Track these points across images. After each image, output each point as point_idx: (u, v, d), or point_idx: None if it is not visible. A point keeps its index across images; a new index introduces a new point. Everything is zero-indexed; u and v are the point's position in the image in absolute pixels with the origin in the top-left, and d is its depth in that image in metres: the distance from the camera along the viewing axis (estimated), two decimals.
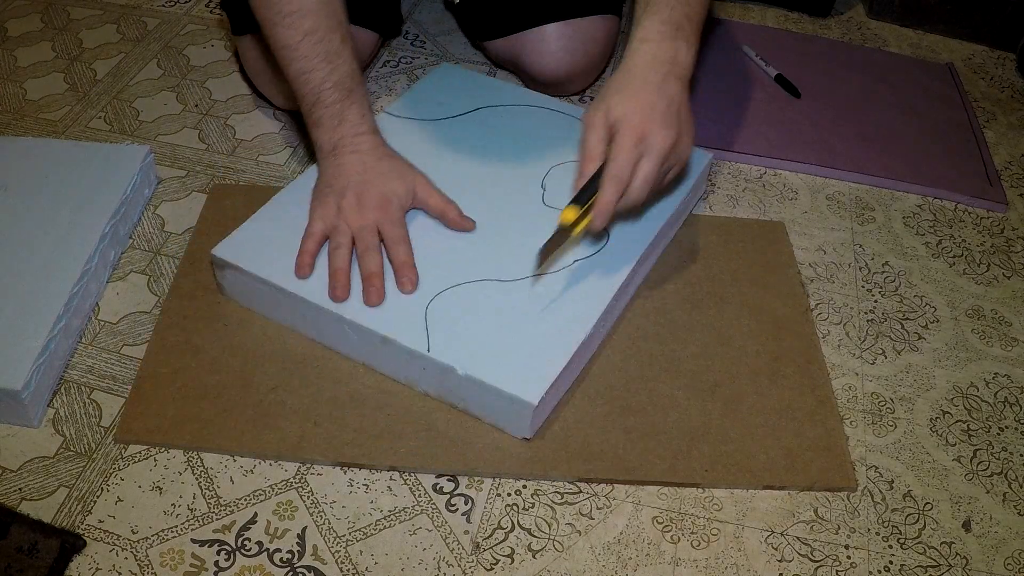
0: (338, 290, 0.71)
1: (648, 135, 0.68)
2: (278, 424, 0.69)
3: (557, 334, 0.70)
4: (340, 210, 0.74)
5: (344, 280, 0.71)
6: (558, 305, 0.72)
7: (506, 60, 1.05)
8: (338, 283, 0.71)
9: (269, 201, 0.79)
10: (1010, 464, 0.72)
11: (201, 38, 1.14)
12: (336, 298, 0.70)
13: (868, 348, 0.80)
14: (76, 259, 0.76)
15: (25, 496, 0.65)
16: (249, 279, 0.73)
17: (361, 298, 0.71)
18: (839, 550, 0.65)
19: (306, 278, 0.72)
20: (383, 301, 0.70)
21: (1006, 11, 1.22)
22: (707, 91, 1.07)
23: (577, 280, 0.74)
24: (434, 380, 0.69)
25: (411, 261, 0.73)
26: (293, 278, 0.72)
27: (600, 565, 0.63)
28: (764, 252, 0.87)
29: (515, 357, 0.68)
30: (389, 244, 0.73)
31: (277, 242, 0.75)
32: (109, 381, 0.73)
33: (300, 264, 0.73)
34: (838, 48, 1.20)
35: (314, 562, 0.62)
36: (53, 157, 0.86)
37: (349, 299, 0.71)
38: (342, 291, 0.71)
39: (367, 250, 0.72)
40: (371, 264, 0.72)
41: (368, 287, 0.71)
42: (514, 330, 0.70)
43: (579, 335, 0.70)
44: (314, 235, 0.74)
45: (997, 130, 1.09)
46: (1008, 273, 0.89)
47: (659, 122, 0.68)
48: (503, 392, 0.66)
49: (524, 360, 0.68)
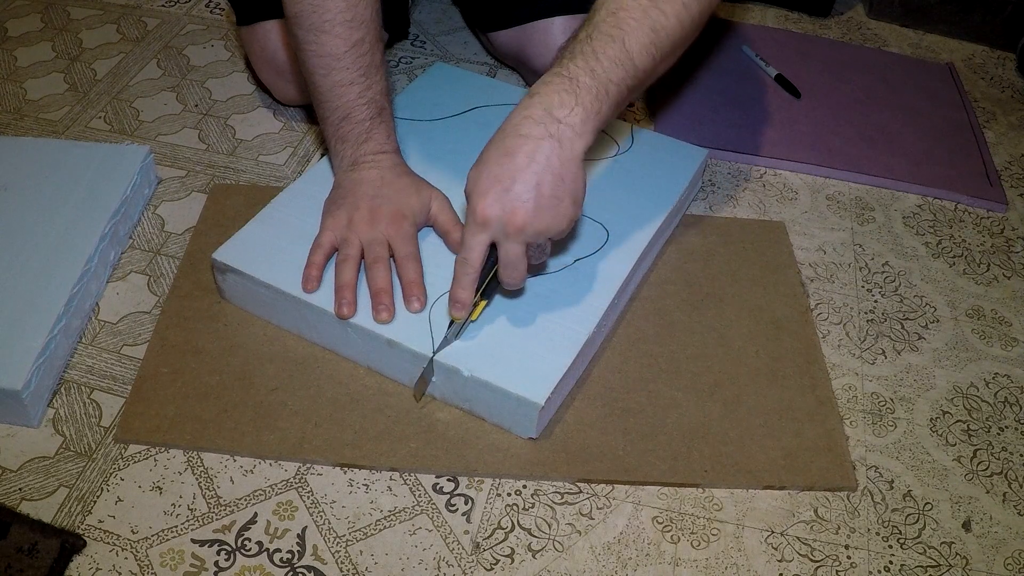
0: (344, 307, 0.69)
1: (489, 219, 0.62)
2: (278, 425, 0.69)
3: (560, 333, 0.70)
4: (351, 222, 0.73)
5: (351, 296, 0.70)
6: (560, 304, 0.72)
7: (510, 54, 1.05)
8: (344, 299, 0.70)
9: (269, 204, 0.79)
10: (1010, 464, 0.72)
11: (201, 38, 1.14)
12: (342, 315, 0.69)
13: (868, 348, 0.80)
14: (76, 259, 0.76)
15: (25, 496, 0.65)
16: (250, 283, 0.73)
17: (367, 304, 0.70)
18: (839, 550, 0.65)
19: (313, 292, 0.71)
20: (392, 319, 0.69)
21: (1006, 11, 1.22)
22: (707, 91, 1.07)
23: (578, 279, 0.74)
24: (440, 382, 0.69)
25: (420, 280, 0.71)
26: (296, 282, 0.72)
27: (600, 565, 0.63)
28: (764, 253, 0.87)
29: (520, 358, 0.68)
30: (399, 261, 0.72)
31: (278, 246, 0.75)
32: (109, 381, 0.73)
33: (307, 277, 0.71)
34: (838, 48, 1.20)
35: (314, 562, 0.62)
36: (53, 157, 0.86)
37: None
38: (348, 308, 0.69)
39: (376, 262, 0.71)
40: (380, 279, 0.70)
41: (377, 304, 0.70)
42: (517, 330, 0.70)
43: (582, 334, 0.70)
44: (323, 246, 0.73)
45: (997, 130, 1.09)
46: (1008, 273, 0.89)
47: (503, 201, 0.61)
48: (509, 393, 0.66)
49: (529, 360, 0.68)
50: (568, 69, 0.62)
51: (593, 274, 0.75)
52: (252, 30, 0.93)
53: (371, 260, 0.71)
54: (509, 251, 0.64)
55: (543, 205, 0.61)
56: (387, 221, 0.73)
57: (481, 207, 0.62)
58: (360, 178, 0.75)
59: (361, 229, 0.72)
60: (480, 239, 0.63)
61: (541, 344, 0.69)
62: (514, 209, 0.61)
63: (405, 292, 0.71)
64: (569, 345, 0.69)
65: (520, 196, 0.61)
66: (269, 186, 0.91)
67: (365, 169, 0.75)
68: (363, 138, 0.75)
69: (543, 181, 0.61)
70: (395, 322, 0.69)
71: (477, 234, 0.63)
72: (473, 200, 0.62)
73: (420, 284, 0.71)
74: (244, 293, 0.75)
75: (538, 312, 0.71)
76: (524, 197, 0.61)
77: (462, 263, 0.65)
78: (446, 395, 0.70)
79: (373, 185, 0.74)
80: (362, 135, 0.75)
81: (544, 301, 0.72)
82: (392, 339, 0.68)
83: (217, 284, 0.77)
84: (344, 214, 0.74)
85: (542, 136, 0.61)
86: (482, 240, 0.63)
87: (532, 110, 0.62)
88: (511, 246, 0.63)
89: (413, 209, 0.74)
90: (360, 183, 0.74)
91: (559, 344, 0.69)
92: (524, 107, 0.62)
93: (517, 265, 0.64)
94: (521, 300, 0.72)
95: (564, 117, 0.61)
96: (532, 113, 0.62)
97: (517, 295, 0.72)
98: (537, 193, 0.61)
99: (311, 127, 1.00)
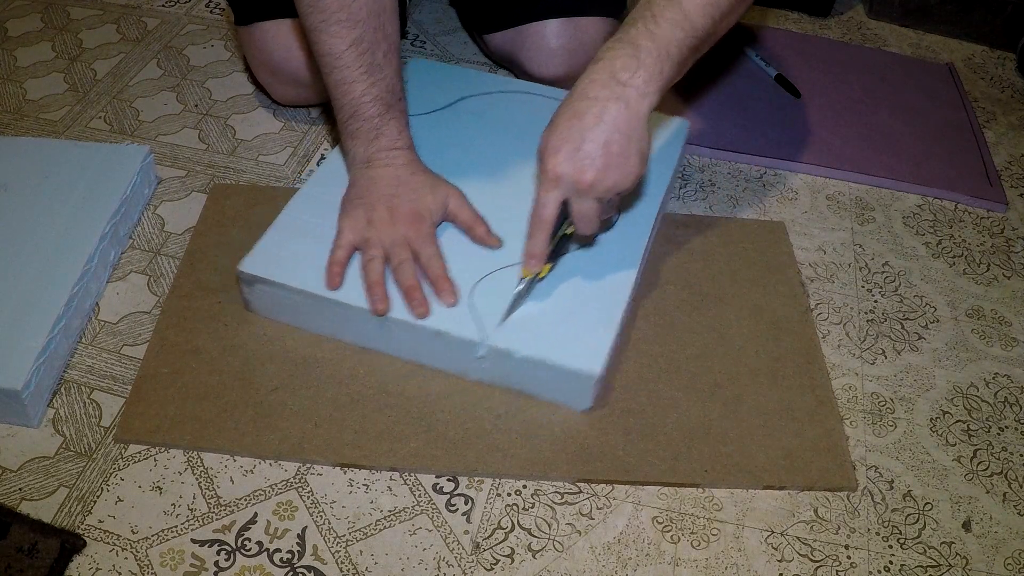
0: (378, 303, 0.70)
1: (562, 176, 0.65)
2: (279, 425, 0.69)
3: (599, 304, 0.72)
4: (371, 222, 0.73)
5: (382, 292, 0.71)
6: (591, 280, 0.74)
7: (504, 56, 1.05)
8: (377, 296, 0.70)
9: (283, 211, 0.78)
10: (1010, 464, 0.72)
11: (201, 38, 1.14)
12: (378, 312, 0.70)
13: (868, 348, 0.80)
14: (76, 259, 0.76)
15: (25, 496, 0.65)
16: (282, 291, 0.73)
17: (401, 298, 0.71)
18: (839, 550, 0.65)
19: (337, 289, 0.72)
20: (429, 312, 0.70)
21: (1006, 11, 1.22)
22: (707, 91, 1.07)
23: (601, 254, 0.76)
24: (490, 366, 0.70)
25: (446, 274, 0.73)
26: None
27: (600, 565, 0.63)
28: (764, 253, 0.87)
29: (567, 332, 0.70)
30: (423, 261, 0.73)
31: (302, 251, 0.74)
32: (109, 381, 0.73)
33: (331, 275, 0.72)
34: (838, 48, 1.20)
35: (314, 562, 0.62)
36: (53, 157, 0.86)
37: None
38: (382, 304, 0.70)
39: (401, 264, 0.72)
40: (408, 277, 0.71)
41: (411, 300, 0.70)
42: (557, 307, 0.72)
43: (621, 302, 0.72)
44: (344, 246, 0.73)
45: (997, 130, 1.09)
46: (1008, 273, 0.89)
47: (574, 160, 0.65)
48: (565, 368, 0.67)
49: (576, 334, 0.69)
50: (629, 34, 0.66)
51: (614, 248, 0.77)
52: (250, 31, 0.93)
53: (396, 263, 0.72)
54: (582, 206, 0.67)
55: (612, 163, 0.65)
56: (406, 222, 0.73)
57: (553, 165, 0.65)
58: (375, 176, 0.75)
59: (381, 230, 0.73)
60: (553, 196, 0.67)
61: (584, 318, 0.71)
62: (584, 167, 0.65)
63: (436, 288, 0.72)
64: (611, 316, 0.71)
65: (590, 154, 0.64)
66: (269, 186, 0.91)
67: (379, 167, 0.75)
68: (373, 135, 0.75)
69: (611, 140, 0.64)
70: (436, 313, 0.70)
71: (550, 191, 0.67)
72: (545, 159, 0.66)
73: (448, 278, 0.72)
74: (273, 302, 0.74)
75: (572, 290, 0.73)
76: (594, 155, 0.64)
77: (536, 220, 0.68)
78: (496, 379, 0.71)
79: (389, 184, 0.75)
80: (372, 132, 0.75)
81: (574, 279, 0.74)
82: (440, 329, 0.69)
83: (243, 296, 0.76)
84: (362, 214, 0.74)
85: (608, 98, 0.64)
86: (555, 197, 0.67)
87: (598, 75, 0.65)
88: (583, 202, 0.67)
89: (430, 208, 0.75)
90: (375, 182, 0.75)
91: (601, 316, 0.71)
92: (590, 72, 0.66)
93: (590, 220, 0.69)
94: (552, 278, 0.74)
95: (628, 80, 0.64)
96: (598, 77, 0.65)
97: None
98: (606, 151, 0.64)
99: (311, 127, 1.00)
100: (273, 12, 0.90)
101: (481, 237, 0.76)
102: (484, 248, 0.76)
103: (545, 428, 0.70)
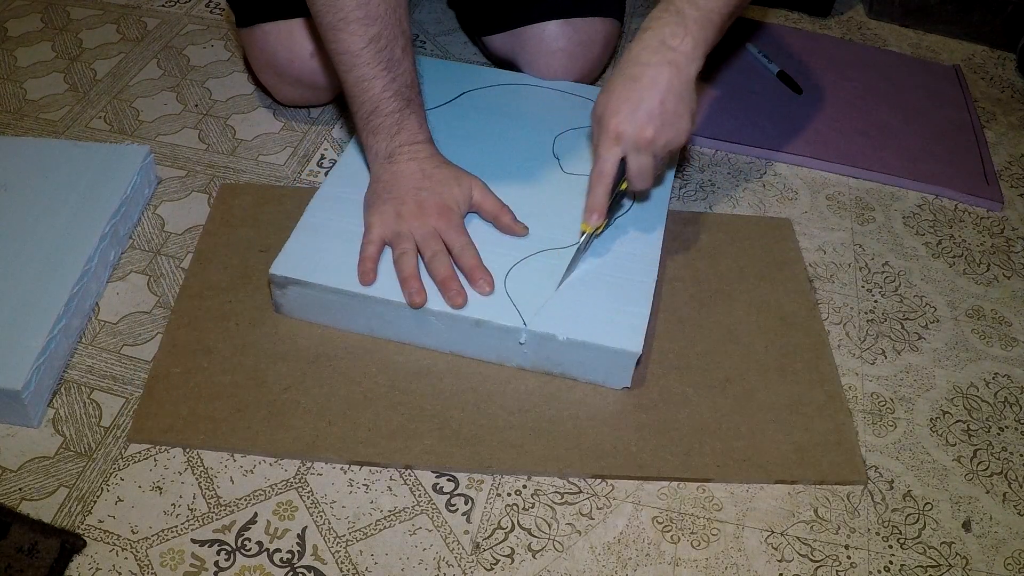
0: (415, 296, 0.71)
1: (623, 134, 0.70)
2: (292, 423, 0.69)
3: (630, 284, 0.74)
4: (400, 216, 0.74)
5: (419, 285, 0.71)
6: (617, 262, 0.76)
7: (504, 58, 1.05)
8: (413, 289, 0.71)
9: (305, 212, 0.78)
10: (1010, 464, 0.72)
11: (201, 38, 1.14)
12: (415, 304, 0.71)
13: (868, 348, 0.80)
14: (76, 259, 0.76)
15: (25, 496, 0.65)
16: (316, 291, 0.73)
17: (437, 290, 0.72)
18: (839, 550, 0.65)
19: (370, 284, 0.72)
20: (467, 302, 0.71)
21: (1006, 11, 1.22)
22: (709, 86, 1.07)
23: (623, 237, 0.79)
24: (531, 351, 0.71)
25: (482, 263, 0.73)
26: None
27: (600, 565, 0.63)
28: (771, 249, 0.87)
29: (604, 313, 0.71)
30: (456, 252, 0.73)
31: (330, 250, 0.75)
32: (109, 381, 0.73)
33: (363, 271, 0.72)
34: (841, 46, 1.20)
35: (314, 562, 0.62)
36: (53, 157, 0.86)
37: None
38: (419, 296, 0.71)
39: (435, 255, 0.72)
40: (442, 269, 0.72)
41: (447, 291, 0.71)
42: (590, 290, 0.74)
43: (650, 282, 0.75)
44: (375, 241, 0.74)
45: (997, 130, 1.09)
46: (1008, 273, 0.89)
47: (633, 119, 0.70)
48: (606, 348, 0.69)
49: (612, 314, 0.71)
50: (675, 3, 0.71)
51: (635, 231, 0.79)
52: (251, 32, 0.93)
53: (429, 256, 0.73)
54: (640, 162, 0.72)
55: (667, 121, 0.70)
56: (435, 214, 0.74)
57: (615, 124, 0.70)
58: (400, 171, 0.76)
59: (411, 223, 0.74)
60: (614, 152, 0.71)
61: (617, 299, 0.73)
62: (644, 124, 0.70)
63: (471, 277, 0.72)
64: (643, 295, 0.73)
65: (649, 112, 0.70)
66: (276, 186, 0.91)
67: (403, 161, 0.76)
68: (395, 130, 0.76)
69: (666, 99, 0.70)
70: (474, 302, 0.71)
71: (611, 148, 0.71)
72: (606, 119, 0.71)
73: (483, 267, 0.73)
74: (306, 303, 0.74)
75: (600, 273, 0.75)
76: (652, 113, 0.70)
77: (597, 175, 0.72)
78: (537, 363, 0.72)
79: (414, 178, 0.75)
80: (393, 127, 0.76)
81: (600, 262, 0.76)
82: (481, 318, 0.70)
83: (273, 299, 0.76)
84: (391, 209, 0.74)
85: (660, 63, 0.70)
86: (616, 153, 0.71)
87: (648, 42, 0.71)
88: (642, 158, 0.71)
89: (457, 200, 0.76)
90: (400, 176, 0.75)
91: (633, 296, 0.73)
92: (640, 40, 0.72)
93: (647, 174, 0.73)
94: (581, 267, 0.75)
95: (677, 46, 0.70)
96: (649, 44, 0.71)
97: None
98: (662, 110, 0.70)
99: (311, 127, 1.00)
100: (275, 13, 0.90)
101: (508, 225, 0.77)
102: (509, 236, 0.77)
103: (558, 425, 0.70)
